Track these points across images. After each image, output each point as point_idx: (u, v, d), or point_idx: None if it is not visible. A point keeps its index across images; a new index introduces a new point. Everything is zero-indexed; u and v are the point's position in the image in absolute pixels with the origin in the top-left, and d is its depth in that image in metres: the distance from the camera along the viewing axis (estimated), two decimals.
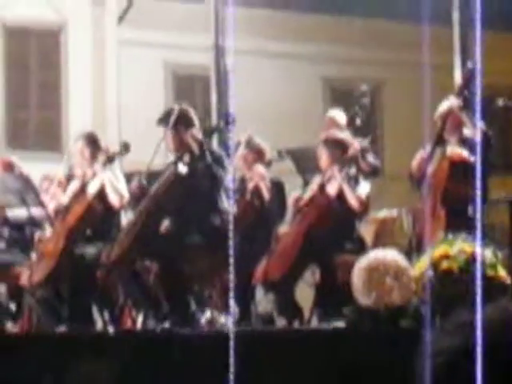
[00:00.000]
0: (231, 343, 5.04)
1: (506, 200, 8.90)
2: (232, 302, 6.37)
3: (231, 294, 6.13)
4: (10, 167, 9.71)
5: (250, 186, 7.55)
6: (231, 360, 4.50)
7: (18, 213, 9.02)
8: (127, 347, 6.69)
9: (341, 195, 7.39)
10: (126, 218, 8.11)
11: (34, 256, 8.29)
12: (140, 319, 7.85)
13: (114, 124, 18.60)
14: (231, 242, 5.55)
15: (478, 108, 5.35)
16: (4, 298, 8.65)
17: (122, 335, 7.55)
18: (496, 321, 1.42)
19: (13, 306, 8.62)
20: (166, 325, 6.95)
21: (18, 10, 19.05)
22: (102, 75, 19.04)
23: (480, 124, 6.57)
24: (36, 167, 10.95)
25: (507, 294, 6.21)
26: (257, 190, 7.51)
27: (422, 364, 1.44)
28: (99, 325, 7.76)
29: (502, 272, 6.15)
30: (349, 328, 6.72)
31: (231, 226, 5.73)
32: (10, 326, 8.25)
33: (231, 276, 5.63)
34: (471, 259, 6.13)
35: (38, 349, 6.56)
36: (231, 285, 5.84)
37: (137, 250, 7.36)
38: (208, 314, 7.55)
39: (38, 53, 19.55)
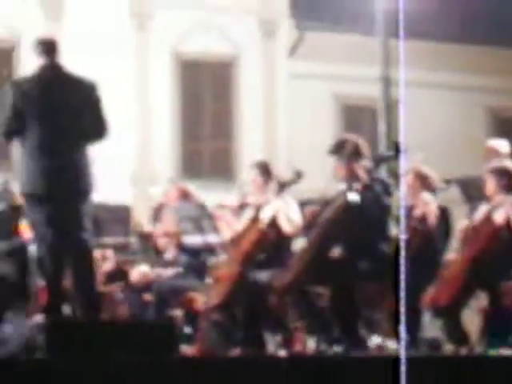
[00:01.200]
0: (402, 368, 4.89)
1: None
2: (402, 327, 6.41)
3: (401, 318, 6.33)
4: (186, 196, 10.42)
5: (417, 213, 7.60)
6: None
7: (193, 239, 9.58)
8: (299, 370, 6.40)
9: (508, 223, 7.37)
10: (297, 244, 8.21)
11: (209, 281, 8.83)
12: (311, 343, 7.86)
13: (284, 153, 19.46)
14: (401, 268, 5.77)
15: None
16: (180, 322, 8.88)
17: (293, 358, 7.45)
18: None
19: (188, 330, 8.93)
20: (338, 348, 7.09)
21: (193, 44, 20.31)
22: (272, 106, 20.05)
23: None
24: (210, 196, 11.29)
25: None
26: (423, 217, 7.57)
27: None
28: (271, 348, 7.98)
29: None
30: None
31: (402, 253, 6.01)
32: (186, 349, 8.32)
33: (401, 301, 5.92)
34: None
35: (213, 372, 6.24)
36: (401, 309, 6.01)
37: (308, 275, 7.51)
38: (376, 338, 7.66)
39: (210, 84, 20.37)
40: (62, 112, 6.60)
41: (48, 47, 6.66)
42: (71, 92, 6.73)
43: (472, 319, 7.84)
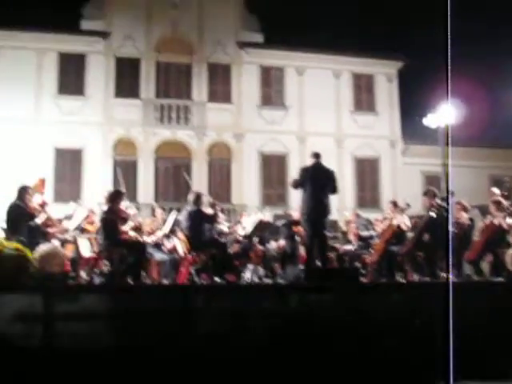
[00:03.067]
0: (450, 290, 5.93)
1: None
2: (449, 270, 11.92)
3: (449, 266, 12.05)
4: (358, 216, 16.16)
5: (460, 221, 12.74)
6: None
7: (364, 233, 14.94)
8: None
9: (500, 225, 12.28)
10: (409, 235, 13.23)
11: (370, 251, 13.87)
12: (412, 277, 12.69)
13: None
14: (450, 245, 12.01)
15: None
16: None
17: (398, 283, 11.88)
18: None
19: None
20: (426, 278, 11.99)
21: None
22: None
23: None
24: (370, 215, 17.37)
25: None
26: (462, 223, 12.84)
27: None
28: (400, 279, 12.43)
29: None
30: None
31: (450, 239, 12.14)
32: None
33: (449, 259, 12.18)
34: None
35: None
36: (449, 262, 12.05)
37: (414, 248, 12.73)
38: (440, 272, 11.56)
39: None
40: (320, 180, 11.51)
41: (316, 155, 11.79)
42: (324, 173, 11.68)
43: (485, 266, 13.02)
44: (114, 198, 12.04)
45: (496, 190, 13.75)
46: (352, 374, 9.29)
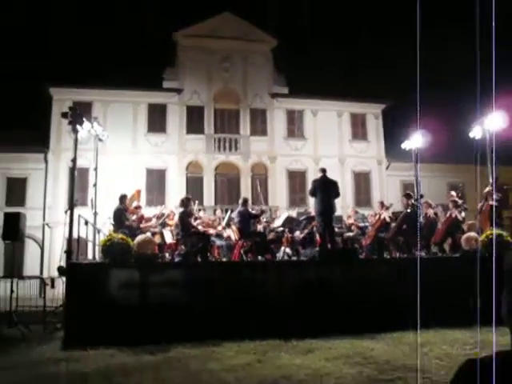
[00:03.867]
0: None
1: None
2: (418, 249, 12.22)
3: (432, 248, 12.15)
4: (357, 212, 15.82)
5: (427, 214, 13.50)
6: None
7: (360, 224, 14.52)
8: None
9: (456, 217, 12.40)
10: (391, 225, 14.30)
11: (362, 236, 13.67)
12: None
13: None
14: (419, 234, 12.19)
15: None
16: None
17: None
18: None
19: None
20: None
21: None
22: None
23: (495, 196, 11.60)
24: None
25: None
26: (429, 216, 13.91)
27: None
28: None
29: None
30: None
31: (419, 230, 12.45)
32: None
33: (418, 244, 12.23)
34: None
35: None
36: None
37: (395, 234, 12.56)
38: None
39: None
40: (327, 188, 11.30)
41: (323, 170, 11.52)
42: (329, 182, 11.41)
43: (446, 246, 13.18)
44: (186, 202, 12.08)
45: (453, 193, 13.83)
46: (353, 316, 9.58)
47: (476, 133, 13.31)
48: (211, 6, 32.80)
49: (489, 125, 12.39)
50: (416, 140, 14.36)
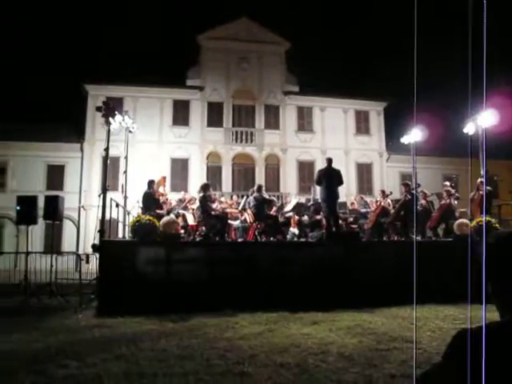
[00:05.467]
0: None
1: None
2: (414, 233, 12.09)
3: (426, 233, 12.10)
4: (362, 198, 15.47)
5: (422, 203, 13.81)
6: None
7: (362, 210, 14.27)
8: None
9: (450, 204, 12.79)
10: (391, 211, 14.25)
11: (367, 221, 13.46)
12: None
13: None
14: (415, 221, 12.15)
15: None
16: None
17: (393, 241, 12.15)
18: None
19: None
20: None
21: None
22: None
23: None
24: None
25: None
26: (426, 206, 13.80)
27: None
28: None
29: None
30: None
31: (415, 215, 12.32)
32: None
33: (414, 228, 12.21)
34: None
35: None
36: (428, 231, 12.09)
37: (395, 219, 12.92)
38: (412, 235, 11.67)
39: None
40: (331, 177, 11.09)
41: (329, 160, 11.32)
42: (333, 171, 11.17)
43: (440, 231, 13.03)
44: (205, 187, 12.08)
45: (447, 183, 13.70)
46: (354, 292, 9.53)
47: (469, 129, 13.22)
48: (230, 11, 32.61)
49: (481, 121, 12.31)
50: (414, 135, 14.30)
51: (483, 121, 12.15)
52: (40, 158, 27.40)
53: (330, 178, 11.29)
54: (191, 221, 13.00)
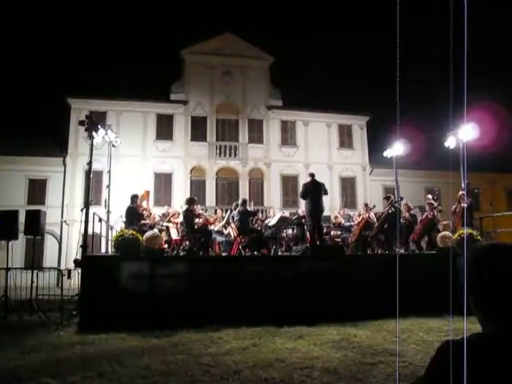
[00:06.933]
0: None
1: None
2: (398, 245, 12.17)
3: (410, 245, 12.06)
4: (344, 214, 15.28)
5: (406, 216, 13.96)
6: None
7: (345, 224, 14.36)
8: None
9: (434, 217, 12.74)
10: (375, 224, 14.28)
11: (350, 235, 13.41)
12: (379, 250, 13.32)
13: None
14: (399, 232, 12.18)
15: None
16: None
17: (383, 255, 12.06)
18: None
19: None
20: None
21: None
22: None
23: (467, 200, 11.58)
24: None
25: None
26: (408, 218, 13.78)
27: None
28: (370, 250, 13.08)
29: None
30: None
31: (400, 228, 12.41)
32: None
33: (399, 241, 12.18)
34: None
35: None
36: (411, 244, 12.07)
37: (378, 232, 12.54)
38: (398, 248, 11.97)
39: None
40: (316, 190, 11.14)
41: (311, 174, 11.44)
42: (317, 185, 11.22)
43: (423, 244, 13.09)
44: (190, 202, 12.05)
45: (429, 196, 13.70)
46: (339, 306, 9.43)
47: (450, 142, 13.39)
48: (214, 26, 32.77)
49: (461, 135, 12.45)
50: (396, 148, 14.42)
51: (464, 134, 12.30)
52: (21, 172, 27.07)
53: (315, 191, 11.31)
54: (175, 235, 12.91)
